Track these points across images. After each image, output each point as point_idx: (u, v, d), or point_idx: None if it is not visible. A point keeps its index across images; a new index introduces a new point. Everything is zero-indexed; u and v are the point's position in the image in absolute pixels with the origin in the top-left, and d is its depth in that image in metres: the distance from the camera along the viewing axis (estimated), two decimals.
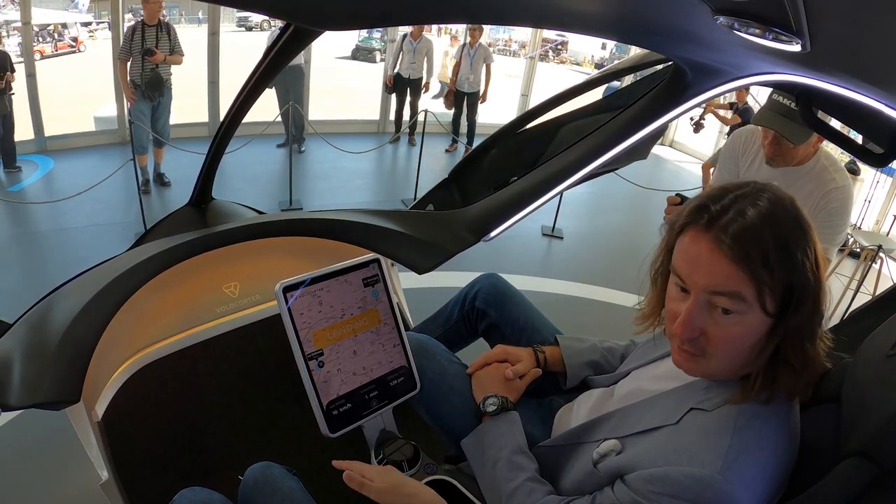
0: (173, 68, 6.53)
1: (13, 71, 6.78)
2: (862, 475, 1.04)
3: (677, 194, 2.16)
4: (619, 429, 1.32)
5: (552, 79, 11.51)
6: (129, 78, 6.35)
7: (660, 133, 2.13)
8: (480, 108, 9.52)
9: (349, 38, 21.80)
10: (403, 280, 2.66)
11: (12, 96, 6.83)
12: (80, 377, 1.55)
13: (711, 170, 8.52)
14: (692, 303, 1.12)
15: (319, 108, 10.00)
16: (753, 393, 1.12)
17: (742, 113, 8.31)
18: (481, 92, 9.27)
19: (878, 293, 1.97)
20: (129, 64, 6.31)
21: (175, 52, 6.42)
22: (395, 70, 9.20)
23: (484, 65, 9.09)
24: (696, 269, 1.10)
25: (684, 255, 1.13)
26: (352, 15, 1.37)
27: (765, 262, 1.03)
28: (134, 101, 6.40)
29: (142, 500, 1.87)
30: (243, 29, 23.15)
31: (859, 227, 7.97)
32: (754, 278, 1.04)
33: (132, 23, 6.39)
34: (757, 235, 1.04)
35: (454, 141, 9.59)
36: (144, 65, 6.25)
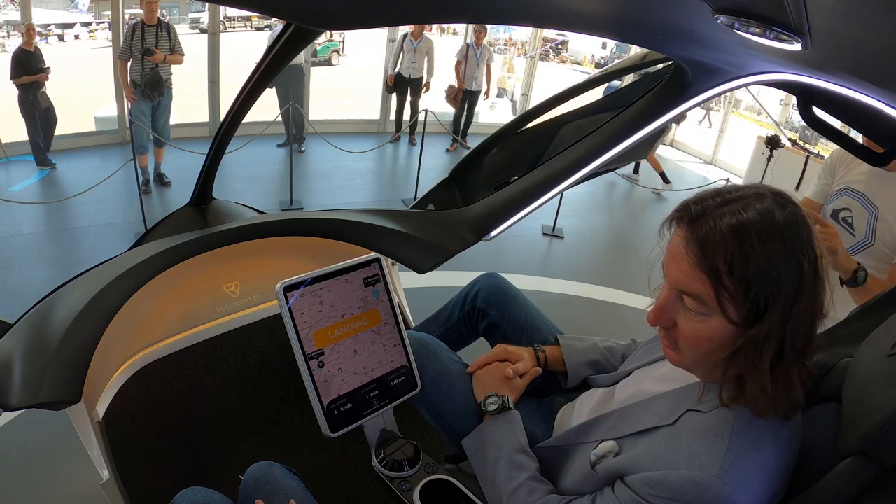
0: (173, 68, 6.53)
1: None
2: (862, 474, 1.04)
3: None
4: (617, 429, 1.32)
5: (552, 78, 11.53)
6: (129, 78, 6.36)
7: (660, 132, 2.13)
8: (482, 106, 9.86)
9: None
10: (404, 279, 2.66)
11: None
12: (80, 377, 1.56)
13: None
14: (666, 293, 1.16)
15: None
16: (727, 401, 1.12)
17: None
18: (484, 90, 9.56)
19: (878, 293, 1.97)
20: (129, 64, 6.32)
21: (175, 51, 6.44)
22: (396, 70, 9.22)
23: (486, 65, 9.34)
24: (670, 264, 1.14)
25: (667, 248, 1.16)
26: (353, 14, 1.37)
27: (729, 271, 1.03)
28: (135, 101, 6.41)
29: (142, 500, 1.87)
30: (197, 31, 22.65)
31: None
32: (713, 285, 1.05)
33: (132, 23, 6.41)
34: (723, 244, 1.04)
35: (454, 140, 9.64)
36: (144, 65, 6.27)
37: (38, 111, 6.96)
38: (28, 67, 6.74)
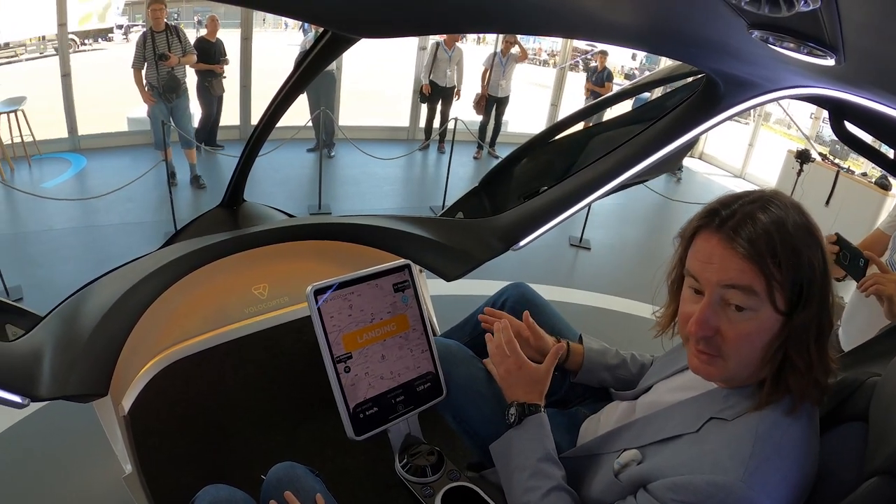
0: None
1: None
2: (888, 493, 1.03)
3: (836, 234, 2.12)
4: (639, 438, 1.32)
5: (582, 89, 11.50)
6: (145, 82, 6.55)
7: (690, 145, 2.12)
8: (511, 115, 10.03)
9: None
10: (431, 287, 2.66)
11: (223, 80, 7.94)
12: (108, 371, 1.58)
13: None
14: (706, 300, 1.15)
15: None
16: (767, 398, 1.14)
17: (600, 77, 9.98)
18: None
19: None
20: (143, 71, 6.51)
21: (187, 52, 6.69)
22: (430, 78, 9.26)
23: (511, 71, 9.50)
24: (708, 267, 1.14)
25: (697, 255, 1.18)
26: (389, 23, 1.39)
27: (774, 260, 1.07)
28: (154, 103, 6.61)
29: (164, 495, 1.89)
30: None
31: None
32: (764, 274, 1.08)
33: (142, 33, 6.61)
34: (766, 235, 1.08)
35: (480, 147, 9.68)
36: (160, 70, 6.47)
37: (214, 97, 7.87)
38: (207, 56, 7.51)
